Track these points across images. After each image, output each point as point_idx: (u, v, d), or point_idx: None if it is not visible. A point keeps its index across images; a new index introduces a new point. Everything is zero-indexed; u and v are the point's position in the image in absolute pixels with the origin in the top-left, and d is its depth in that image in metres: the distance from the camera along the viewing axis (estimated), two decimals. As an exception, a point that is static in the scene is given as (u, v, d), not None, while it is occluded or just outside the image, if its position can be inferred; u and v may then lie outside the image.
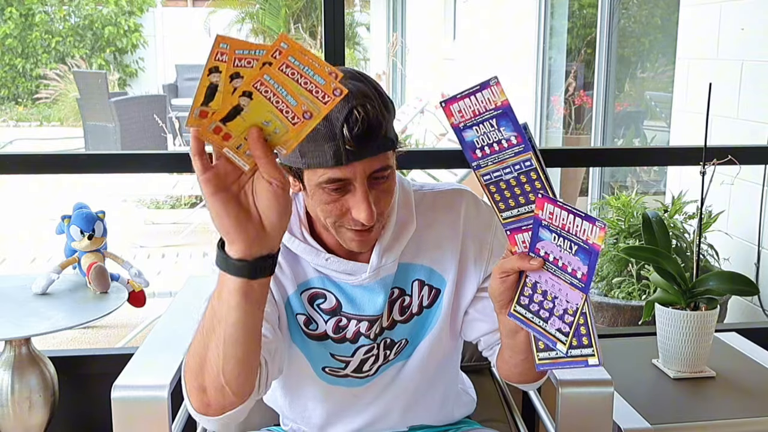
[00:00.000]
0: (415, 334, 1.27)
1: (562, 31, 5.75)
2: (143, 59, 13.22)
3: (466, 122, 0.99)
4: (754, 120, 3.08)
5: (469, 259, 1.26)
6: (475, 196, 1.30)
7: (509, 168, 0.99)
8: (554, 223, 0.96)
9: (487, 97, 0.97)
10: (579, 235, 0.93)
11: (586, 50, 5.53)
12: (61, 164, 2.26)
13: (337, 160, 1.05)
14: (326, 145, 1.04)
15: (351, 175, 1.07)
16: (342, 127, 1.03)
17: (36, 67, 12.46)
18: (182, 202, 6.25)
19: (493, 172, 1.00)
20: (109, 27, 12.71)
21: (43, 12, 12.57)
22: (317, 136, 1.04)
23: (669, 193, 3.41)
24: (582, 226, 0.92)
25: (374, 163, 1.07)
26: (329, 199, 1.10)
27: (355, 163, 1.06)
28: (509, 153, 0.98)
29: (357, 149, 1.04)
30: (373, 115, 1.05)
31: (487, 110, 0.97)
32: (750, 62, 3.12)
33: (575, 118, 5.58)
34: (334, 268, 1.20)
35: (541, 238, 0.98)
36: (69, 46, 12.58)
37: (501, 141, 0.98)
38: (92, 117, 7.72)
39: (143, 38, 13.11)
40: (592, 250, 0.92)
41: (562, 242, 0.96)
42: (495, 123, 0.97)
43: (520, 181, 0.99)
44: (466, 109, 0.99)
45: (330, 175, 1.07)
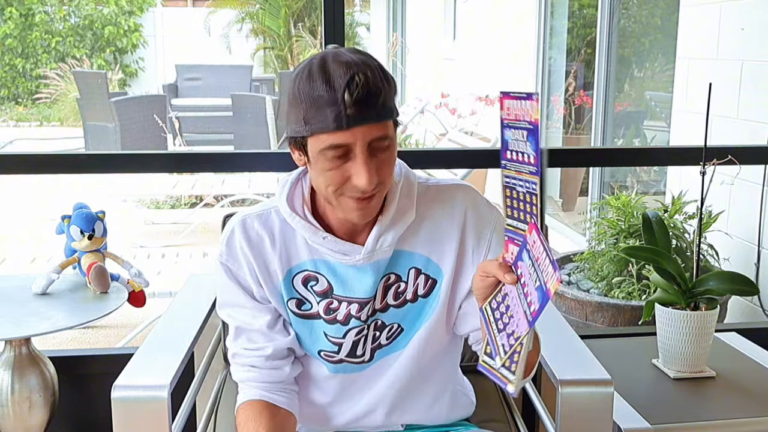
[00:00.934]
0: (410, 322, 1.29)
1: (562, 31, 5.75)
2: (143, 59, 13.22)
3: (509, 121, 1.00)
4: (754, 120, 3.08)
5: (468, 252, 1.28)
6: (478, 192, 1.33)
7: (523, 182, 1.00)
8: (533, 252, 0.98)
9: (527, 108, 0.97)
10: (542, 274, 0.95)
11: (586, 50, 5.52)
12: (61, 164, 2.26)
13: (338, 124, 1.10)
14: (328, 110, 1.10)
15: (352, 140, 1.11)
16: (344, 92, 1.08)
17: (36, 67, 12.46)
18: (182, 202, 6.25)
19: (512, 178, 1.01)
20: (109, 27, 12.71)
21: (43, 12, 12.57)
22: (321, 102, 1.10)
23: (669, 193, 3.41)
24: (547, 268, 0.94)
25: (374, 130, 1.12)
26: (331, 165, 1.13)
27: (355, 129, 1.10)
28: (527, 168, 0.99)
29: (357, 114, 1.09)
30: (373, 82, 1.10)
31: (524, 120, 0.98)
32: (750, 62, 3.12)
33: (575, 118, 5.58)
34: (330, 246, 1.24)
35: (522, 259, 1.00)
36: (69, 46, 12.58)
37: (525, 154, 0.98)
38: (92, 117, 7.71)
39: (143, 38, 13.11)
40: (545, 294, 0.94)
41: (533, 272, 0.97)
42: (525, 135, 0.97)
43: (525, 199, 1.00)
44: (512, 109, 0.99)
45: (332, 140, 1.11)
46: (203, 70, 10.44)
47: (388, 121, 1.14)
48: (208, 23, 11.37)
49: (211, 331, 1.78)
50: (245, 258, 1.27)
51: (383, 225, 1.23)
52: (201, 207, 5.92)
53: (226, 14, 10.98)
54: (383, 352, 1.30)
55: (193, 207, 6.04)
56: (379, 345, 1.30)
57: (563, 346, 1.55)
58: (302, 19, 10.66)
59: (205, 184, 5.81)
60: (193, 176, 5.83)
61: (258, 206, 1.33)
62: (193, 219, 5.64)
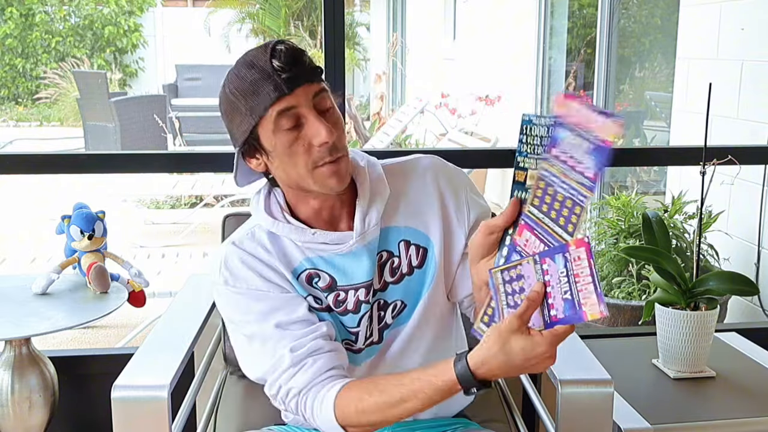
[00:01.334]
0: (410, 295, 1.31)
1: (562, 31, 5.75)
2: (143, 59, 13.22)
3: (569, 122, 0.98)
4: (754, 120, 3.08)
5: (452, 216, 1.32)
6: (438, 157, 1.37)
7: (567, 185, 0.99)
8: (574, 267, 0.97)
9: (602, 125, 0.96)
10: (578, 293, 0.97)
11: (586, 50, 5.53)
12: (61, 164, 2.26)
13: (278, 91, 1.15)
14: (266, 85, 1.15)
15: (296, 102, 1.16)
16: (271, 62, 1.15)
17: (36, 67, 12.46)
18: (182, 202, 6.25)
19: (552, 175, 1.01)
20: (109, 27, 12.71)
21: (43, 12, 12.57)
22: (256, 84, 1.16)
23: (669, 193, 3.42)
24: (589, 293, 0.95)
25: (313, 87, 1.18)
26: (289, 138, 1.17)
27: (296, 90, 1.16)
28: (577, 177, 0.98)
29: (292, 74, 1.15)
30: (292, 46, 1.18)
31: (591, 134, 0.96)
32: (750, 62, 3.12)
33: (575, 118, 5.58)
34: (322, 240, 1.26)
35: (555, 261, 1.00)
36: (69, 46, 12.58)
37: (580, 163, 0.97)
38: (92, 117, 7.72)
39: (143, 38, 13.11)
40: (576, 313, 0.97)
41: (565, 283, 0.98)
42: (588, 148, 0.96)
43: (565, 203, 1.00)
44: (578, 113, 0.98)
45: (278, 108, 1.16)
46: (203, 70, 10.45)
47: (320, 82, 1.20)
48: (208, 23, 11.36)
49: (211, 331, 1.78)
50: (251, 269, 1.26)
51: (364, 206, 1.26)
52: (201, 207, 5.92)
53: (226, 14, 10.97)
54: (389, 331, 1.32)
55: (193, 207, 6.04)
56: (385, 325, 1.31)
57: (563, 346, 1.54)
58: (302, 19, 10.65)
59: (205, 184, 5.81)
60: (193, 176, 5.84)
61: (238, 231, 1.33)
62: (193, 219, 5.64)
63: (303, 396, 1.20)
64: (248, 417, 1.56)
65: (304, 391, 1.19)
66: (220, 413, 1.63)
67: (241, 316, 1.25)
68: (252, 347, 1.24)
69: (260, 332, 1.22)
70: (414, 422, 1.38)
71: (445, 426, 1.40)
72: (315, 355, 1.20)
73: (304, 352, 1.20)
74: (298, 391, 1.20)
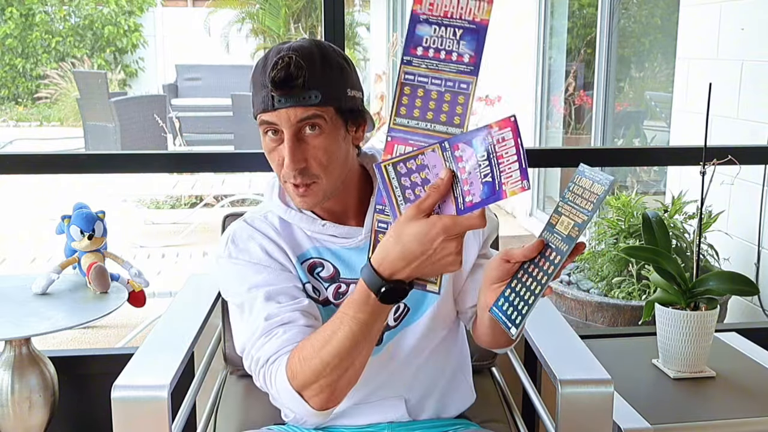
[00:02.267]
0: (415, 301, 1.31)
1: (562, 31, 5.74)
2: (143, 59, 13.22)
3: (431, 17, 0.95)
4: (754, 120, 3.08)
5: None
6: None
7: (439, 80, 0.95)
8: (498, 149, 0.94)
9: (471, 6, 0.93)
10: (500, 174, 0.94)
11: (586, 50, 5.52)
12: (61, 164, 2.26)
13: (266, 104, 1.16)
14: (262, 92, 1.17)
15: (277, 120, 1.16)
16: (269, 74, 1.14)
17: (36, 67, 12.46)
18: (182, 202, 6.25)
19: (420, 76, 0.96)
20: (109, 27, 12.71)
21: (43, 12, 12.57)
22: (257, 85, 1.18)
23: (669, 193, 3.41)
24: (512, 171, 0.92)
25: (300, 111, 1.15)
26: (270, 147, 1.20)
27: (281, 110, 1.15)
28: (452, 67, 0.95)
29: (281, 95, 1.14)
30: (295, 65, 1.13)
31: (462, 19, 0.93)
32: (750, 62, 3.12)
33: (575, 118, 5.58)
34: (331, 232, 1.27)
35: (472, 146, 0.96)
36: (69, 46, 12.58)
37: (452, 53, 0.94)
38: (92, 117, 7.71)
39: (143, 38, 13.11)
40: (496, 193, 0.94)
41: (485, 165, 0.95)
42: (459, 34, 0.93)
43: (442, 98, 0.96)
44: (439, 4, 0.95)
45: (264, 118, 1.18)
46: (203, 70, 10.44)
47: (318, 107, 1.16)
48: (208, 23, 11.35)
49: (211, 331, 1.78)
50: (257, 243, 1.27)
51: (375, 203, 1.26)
52: (201, 207, 5.92)
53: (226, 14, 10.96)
54: (391, 333, 1.32)
55: (193, 207, 6.04)
56: (387, 326, 1.31)
57: (563, 346, 1.55)
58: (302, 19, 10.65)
59: (205, 184, 5.81)
60: (193, 176, 5.83)
61: (251, 211, 1.35)
62: (193, 219, 5.64)
63: (268, 367, 1.17)
64: (248, 417, 1.56)
65: (270, 361, 1.17)
66: (220, 413, 1.63)
67: (237, 286, 1.25)
68: (242, 317, 1.24)
69: (249, 302, 1.22)
70: (414, 423, 1.38)
71: (446, 427, 1.40)
72: (287, 325, 1.19)
73: (277, 321, 1.19)
74: (265, 360, 1.17)
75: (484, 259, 1.36)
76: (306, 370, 1.11)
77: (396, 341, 1.32)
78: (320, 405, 1.13)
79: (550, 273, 1.01)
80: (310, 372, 1.11)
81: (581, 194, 1.00)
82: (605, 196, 0.96)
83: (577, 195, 1.00)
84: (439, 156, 0.98)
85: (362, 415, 1.36)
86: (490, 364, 1.77)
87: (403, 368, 1.34)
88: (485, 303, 1.12)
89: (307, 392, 1.12)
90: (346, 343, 1.08)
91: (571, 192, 1.02)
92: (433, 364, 1.38)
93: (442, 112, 0.96)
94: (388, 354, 1.33)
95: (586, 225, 0.99)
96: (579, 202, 1.00)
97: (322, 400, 1.12)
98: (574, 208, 1.00)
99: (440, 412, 1.41)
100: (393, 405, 1.36)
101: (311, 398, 1.12)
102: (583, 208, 0.99)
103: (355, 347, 1.09)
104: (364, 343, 1.10)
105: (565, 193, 1.03)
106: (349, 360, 1.10)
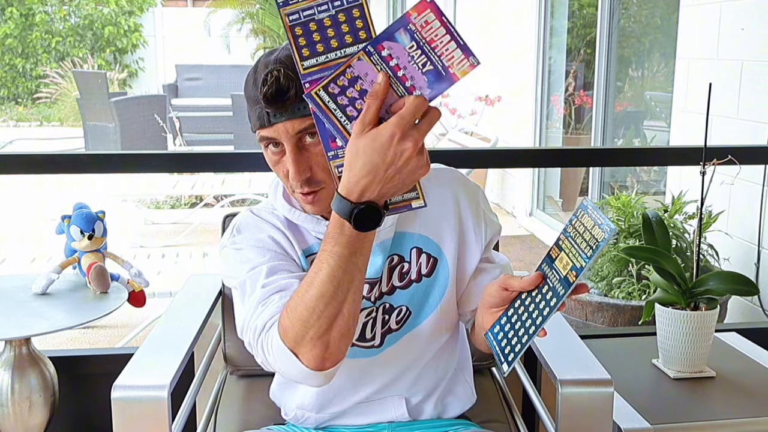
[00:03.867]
0: (418, 304, 1.31)
1: (562, 31, 5.75)
2: (143, 59, 13.22)
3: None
4: (754, 120, 3.08)
5: (469, 232, 1.32)
6: (460, 172, 1.39)
7: (326, 5, 0.91)
8: (423, 35, 0.90)
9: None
10: (439, 58, 0.91)
11: (586, 50, 5.52)
12: (61, 164, 2.26)
13: (262, 121, 1.16)
14: (256, 108, 1.16)
15: (276, 135, 1.16)
16: (260, 90, 1.12)
17: (36, 67, 12.46)
18: (182, 202, 6.25)
19: (303, 10, 0.92)
20: (109, 27, 12.72)
21: (43, 12, 12.57)
22: (251, 101, 1.17)
23: (669, 193, 3.41)
24: (451, 51, 0.89)
25: (297, 123, 1.13)
26: (273, 160, 1.20)
27: (277, 124, 1.14)
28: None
29: (274, 110, 1.13)
30: (283, 79, 1.10)
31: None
32: (750, 62, 3.12)
33: (575, 118, 5.58)
34: None
35: (397, 40, 0.92)
36: (69, 46, 12.59)
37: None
38: (92, 117, 7.72)
39: (143, 38, 13.11)
40: (446, 77, 0.92)
41: (419, 56, 0.91)
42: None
43: (337, 20, 0.92)
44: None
45: (262, 134, 1.17)
46: (203, 70, 10.45)
47: (309, 118, 1.12)
48: (208, 23, 11.36)
49: (211, 331, 1.78)
50: (263, 231, 1.27)
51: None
52: (201, 207, 5.92)
53: (226, 14, 10.97)
54: (393, 337, 1.31)
55: (193, 207, 6.04)
56: (389, 329, 1.31)
57: (563, 346, 1.55)
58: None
59: (205, 184, 5.81)
60: (193, 176, 5.83)
61: (259, 204, 1.36)
62: (193, 219, 5.64)
63: (266, 333, 1.13)
64: (248, 417, 1.56)
65: (266, 328, 1.13)
66: (220, 413, 1.63)
67: (240, 266, 1.23)
68: (242, 298, 1.21)
69: (251, 279, 1.20)
70: (414, 423, 1.38)
71: (446, 427, 1.40)
72: (283, 292, 1.16)
73: (273, 288, 1.16)
74: (261, 326, 1.13)
75: (487, 263, 1.36)
76: (294, 320, 1.07)
77: (398, 345, 1.32)
78: (315, 362, 1.07)
79: (546, 315, 1.00)
80: (298, 322, 1.06)
81: (582, 233, 0.98)
82: (605, 245, 0.95)
83: (579, 233, 0.99)
84: (367, 63, 0.93)
85: (363, 415, 1.36)
86: (490, 364, 1.77)
87: (406, 371, 1.34)
88: (481, 324, 1.14)
89: (301, 349, 1.07)
90: (327, 282, 1.04)
91: (572, 226, 1.01)
92: (436, 366, 1.38)
93: (344, 33, 0.92)
94: (391, 357, 1.32)
95: (583, 271, 0.97)
96: (579, 242, 0.99)
97: (316, 356, 1.07)
98: (574, 248, 0.99)
99: (441, 413, 1.41)
100: (393, 405, 1.36)
101: (305, 355, 1.07)
102: (583, 251, 0.97)
103: (338, 286, 1.04)
104: (347, 283, 1.05)
105: (567, 226, 1.02)
106: (334, 303, 1.05)
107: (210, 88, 10.08)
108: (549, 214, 5.77)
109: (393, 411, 1.36)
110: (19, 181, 6.77)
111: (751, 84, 3.11)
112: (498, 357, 1.05)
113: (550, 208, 5.85)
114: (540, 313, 1.01)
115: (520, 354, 1.02)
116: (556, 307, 0.99)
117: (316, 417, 1.37)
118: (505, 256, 1.42)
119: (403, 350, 1.32)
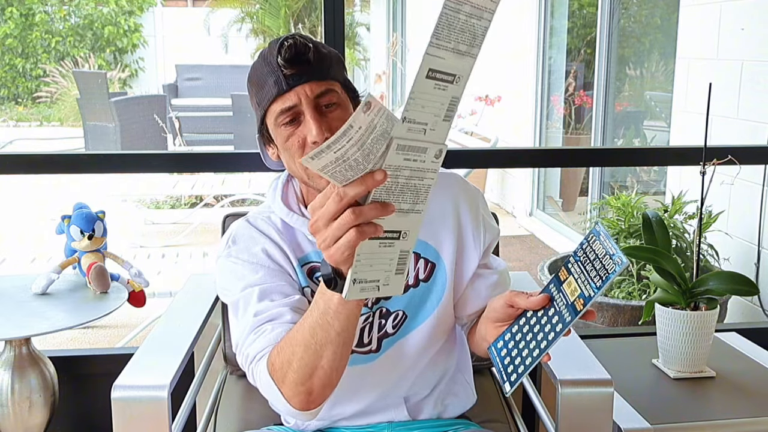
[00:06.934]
0: (414, 308, 1.31)
1: (562, 31, 5.74)
2: (143, 59, 13.22)
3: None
4: (754, 120, 3.08)
5: (468, 237, 1.32)
6: (460, 176, 1.39)
7: None
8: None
9: None
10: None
11: (586, 50, 5.52)
12: (61, 164, 2.25)
13: (279, 87, 1.17)
14: (270, 80, 1.18)
15: (296, 99, 1.17)
16: (277, 57, 1.17)
17: (36, 67, 12.46)
18: (182, 202, 6.25)
19: None
20: (109, 27, 12.71)
21: (43, 12, 12.57)
22: (263, 77, 1.19)
23: (669, 193, 3.42)
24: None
25: (315, 86, 1.18)
26: (287, 133, 1.19)
27: (297, 88, 1.17)
28: None
29: (293, 73, 1.16)
30: (301, 43, 1.17)
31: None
32: (750, 62, 3.12)
33: (575, 118, 5.58)
34: None
35: None
36: (69, 46, 12.59)
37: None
38: (92, 117, 7.71)
39: (143, 38, 13.11)
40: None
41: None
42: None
43: None
44: None
45: (280, 105, 1.18)
46: (203, 70, 10.44)
47: (329, 81, 1.19)
48: (208, 23, 11.37)
49: (211, 331, 1.78)
50: (258, 244, 1.27)
51: None
52: (201, 207, 5.92)
53: (225, 14, 10.97)
54: (390, 341, 1.31)
55: (193, 207, 6.04)
56: (385, 334, 1.31)
57: (563, 346, 1.54)
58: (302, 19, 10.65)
59: (205, 184, 5.81)
60: (193, 176, 5.83)
61: (255, 210, 1.35)
62: (193, 219, 5.63)
63: (255, 363, 1.16)
64: (248, 417, 1.56)
65: (256, 359, 1.15)
66: (220, 413, 1.63)
67: (233, 285, 1.25)
68: (236, 316, 1.23)
69: (244, 300, 1.22)
70: (414, 422, 1.38)
71: (446, 427, 1.40)
72: (274, 322, 1.17)
73: (265, 317, 1.18)
74: (252, 357, 1.16)
75: (485, 268, 1.36)
76: (282, 360, 1.09)
77: (396, 349, 1.32)
78: (299, 404, 1.11)
79: (551, 340, 1.00)
80: (285, 363, 1.09)
81: (593, 261, 0.99)
82: (615, 277, 0.96)
83: (589, 260, 1.00)
84: None
85: (362, 416, 1.36)
86: (490, 364, 1.77)
87: (405, 374, 1.34)
88: (484, 335, 1.14)
89: (285, 389, 1.10)
90: (308, 332, 1.06)
91: (583, 251, 1.02)
92: (434, 367, 1.38)
93: None
94: (389, 361, 1.32)
95: (591, 301, 0.97)
96: (589, 269, 0.99)
97: (300, 400, 1.10)
98: (583, 275, 1.00)
99: (441, 413, 1.41)
100: (393, 405, 1.36)
101: (289, 396, 1.10)
102: (592, 279, 0.98)
103: (316, 340, 1.05)
104: (322, 338, 1.05)
105: (578, 249, 1.02)
106: (312, 355, 1.06)
107: (210, 88, 10.08)
108: (549, 214, 5.77)
109: (393, 412, 1.36)
110: (19, 181, 6.77)
111: (751, 84, 3.11)
112: (501, 375, 1.05)
113: (550, 208, 5.85)
114: (545, 337, 1.02)
115: (523, 376, 1.02)
116: (562, 333, 1.00)
117: (317, 423, 1.38)
118: (503, 260, 1.42)
119: (401, 354, 1.32)
